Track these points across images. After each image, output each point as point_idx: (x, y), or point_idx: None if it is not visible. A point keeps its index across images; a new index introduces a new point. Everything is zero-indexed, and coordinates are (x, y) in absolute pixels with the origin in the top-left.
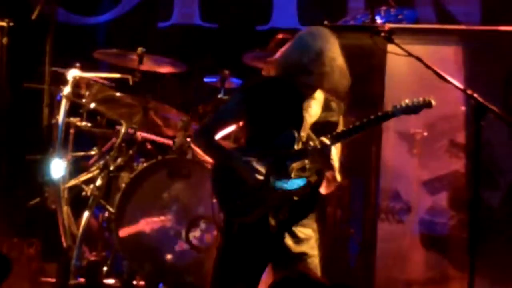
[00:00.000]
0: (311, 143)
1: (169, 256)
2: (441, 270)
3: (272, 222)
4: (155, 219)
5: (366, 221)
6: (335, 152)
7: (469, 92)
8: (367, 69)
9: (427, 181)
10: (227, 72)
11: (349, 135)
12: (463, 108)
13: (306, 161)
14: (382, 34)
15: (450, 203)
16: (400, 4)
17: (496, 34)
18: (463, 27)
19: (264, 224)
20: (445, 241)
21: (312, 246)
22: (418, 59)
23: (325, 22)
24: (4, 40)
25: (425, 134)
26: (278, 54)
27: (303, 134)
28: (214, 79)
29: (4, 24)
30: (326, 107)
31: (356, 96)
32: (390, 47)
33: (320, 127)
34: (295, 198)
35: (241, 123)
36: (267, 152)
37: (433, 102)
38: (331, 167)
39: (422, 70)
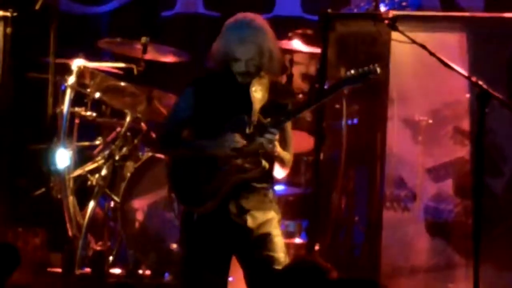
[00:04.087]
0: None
1: (174, 246)
2: (446, 257)
3: (233, 208)
4: (160, 208)
5: (371, 208)
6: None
7: (473, 79)
8: (371, 57)
9: (432, 168)
10: None
11: (294, 115)
12: (467, 95)
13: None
14: (386, 21)
15: (455, 190)
16: None
17: (500, 21)
18: (467, 14)
19: (223, 211)
20: (450, 228)
21: (275, 226)
22: (423, 46)
23: (329, 10)
24: (8, 30)
25: (430, 121)
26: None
27: (254, 118)
28: None
29: (7, 14)
30: (273, 89)
31: None
32: (394, 35)
33: (269, 109)
34: (250, 175)
35: None
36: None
37: (378, 70)
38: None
39: (426, 57)
